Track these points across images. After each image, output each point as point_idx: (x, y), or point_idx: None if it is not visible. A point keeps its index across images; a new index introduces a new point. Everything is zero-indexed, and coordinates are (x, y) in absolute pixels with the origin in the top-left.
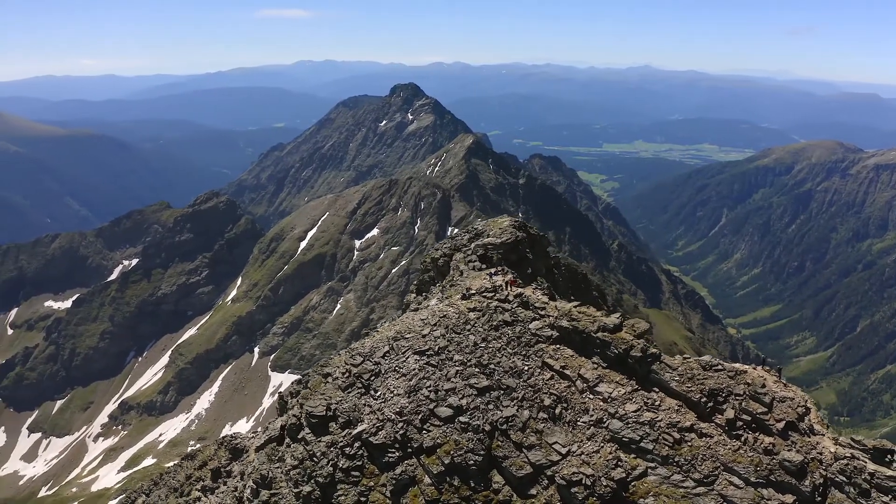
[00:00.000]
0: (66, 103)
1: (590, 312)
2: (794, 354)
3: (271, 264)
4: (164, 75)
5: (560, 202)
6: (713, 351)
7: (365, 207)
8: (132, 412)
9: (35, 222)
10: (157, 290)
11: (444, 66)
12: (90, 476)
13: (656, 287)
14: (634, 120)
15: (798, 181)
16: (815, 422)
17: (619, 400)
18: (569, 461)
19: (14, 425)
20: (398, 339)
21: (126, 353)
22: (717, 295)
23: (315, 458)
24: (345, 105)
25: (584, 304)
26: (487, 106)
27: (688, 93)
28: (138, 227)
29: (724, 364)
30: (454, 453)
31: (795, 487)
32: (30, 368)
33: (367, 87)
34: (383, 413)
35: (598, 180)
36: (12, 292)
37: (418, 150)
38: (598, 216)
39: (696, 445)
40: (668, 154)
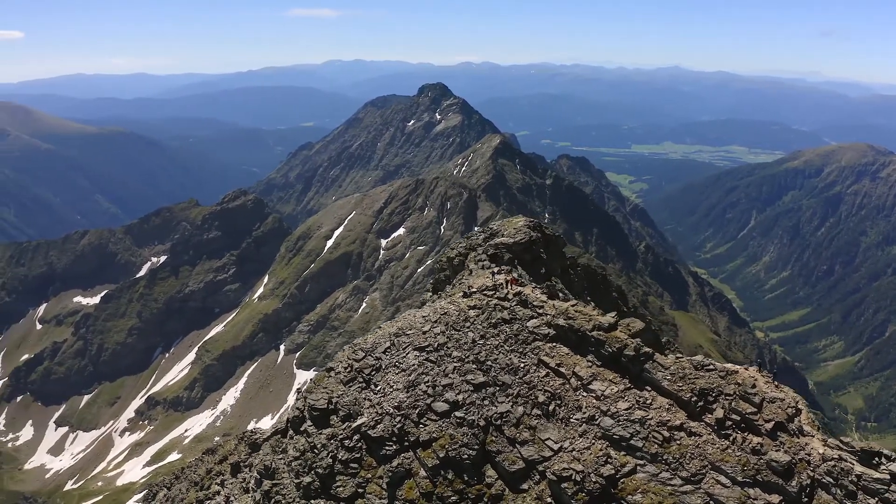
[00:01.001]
0: (96, 101)
1: (586, 311)
2: (822, 359)
3: (298, 262)
4: (195, 74)
5: (587, 203)
6: (739, 354)
7: (391, 207)
8: (158, 407)
9: (66, 219)
10: (185, 287)
11: (473, 65)
12: (116, 470)
13: (683, 289)
14: (663, 121)
15: (828, 184)
16: (805, 423)
17: (611, 398)
18: (560, 457)
19: (42, 419)
20: (399, 335)
21: (153, 349)
22: (745, 298)
23: (316, 450)
24: (373, 105)
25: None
26: (516, 106)
27: (717, 94)
28: (167, 224)
29: (716, 364)
30: (449, 447)
31: (782, 488)
32: (58, 363)
33: (395, 87)
34: (382, 407)
35: (626, 181)
36: (42, 288)
37: (446, 150)
38: (626, 217)
39: (684, 444)
40: (698, 155)
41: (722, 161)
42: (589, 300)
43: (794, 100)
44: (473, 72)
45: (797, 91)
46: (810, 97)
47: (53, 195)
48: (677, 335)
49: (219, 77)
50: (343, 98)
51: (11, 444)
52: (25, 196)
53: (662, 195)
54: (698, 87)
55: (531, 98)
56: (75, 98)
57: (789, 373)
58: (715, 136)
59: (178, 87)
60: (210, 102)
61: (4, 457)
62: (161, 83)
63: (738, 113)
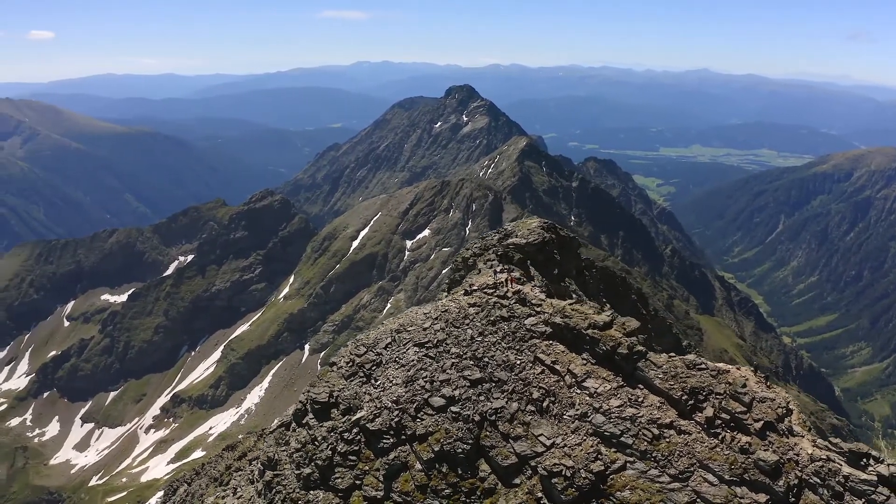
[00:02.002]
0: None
1: (582, 310)
2: (850, 365)
3: (323, 263)
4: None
5: (613, 206)
6: (764, 360)
7: (417, 208)
8: (183, 405)
9: (95, 218)
10: (212, 286)
11: (501, 67)
12: (140, 467)
13: (709, 293)
14: (692, 124)
15: (857, 188)
16: (795, 423)
17: (604, 395)
18: (552, 453)
19: (68, 415)
20: (401, 331)
21: (179, 348)
22: (773, 303)
23: (316, 442)
24: (400, 106)
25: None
26: (543, 108)
27: (746, 97)
28: (194, 223)
29: (708, 363)
30: (444, 441)
31: (769, 487)
32: (85, 360)
33: (423, 89)
34: (381, 401)
35: (654, 184)
36: (70, 285)
37: (472, 152)
38: (653, 221)
39: (674, 442)
40: (726, 159)
41: (750, 165)
42: (605, 301)
43: (823, 103)
44: (501, 74)
45: (826, 94)
46: (839, 100)
47: (83, 194)
48: (702, 339)
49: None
50: (371, 99)
51: (38, 439)
52: (55, 195)
53: (690, 199)
54: (727, 90)
55: (559, 100)
56: (105, 98)
57: (815, 379)
58: (744, 139)
59: (207, 88)
60: (239, 103)
61: (31, 452)
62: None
63: (767, 116)
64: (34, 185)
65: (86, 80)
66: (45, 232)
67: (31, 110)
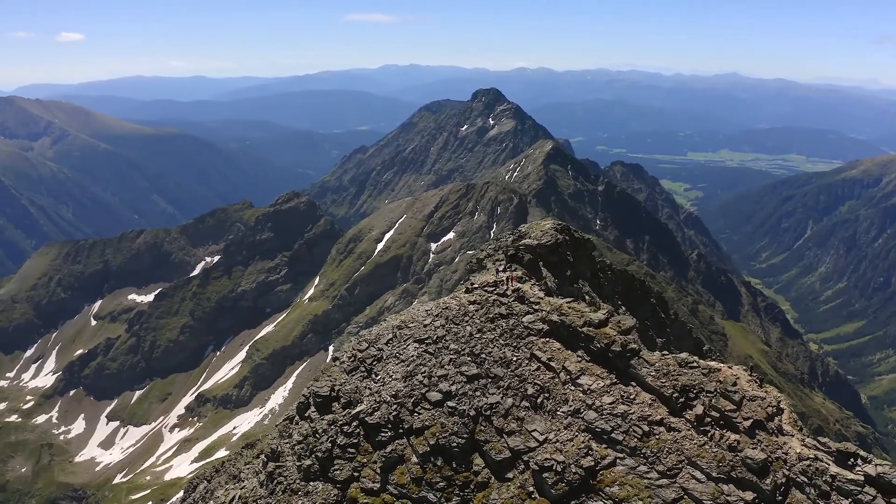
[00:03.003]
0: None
1: (579, 308)
2: (877, 372)
3: (348, 264)
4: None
5: (639, 210)
6: (790, 366)
7: (442, 211)
8: (208, 405)
9: (123, 219)
10: (237, 286)
11: (529, 71)
12: (164, 465)
13: (735, 299)
14: (721, 128)
15: (886, 194)
16: (785, 422)
17: (597, 392)
18: (544, 448)
19: (93, 413)
20: (402, 327)
21: (204, 348)
22: (800, 309)
23: (317, 435)
24: (427, 109)
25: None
26: (571, 112)
27: (775, 101)
28: (221, 224)
29: (700, 361)
30: (440, 435)
31: (756, 485)
32: (111, 359)
33: (450, 92)
34: (380, 395)
35: (681, 189)
36: (97, 285)
37: (498, 156)
38: (679, 225)
39: (663, 439)
40: (755, 164)
41: (779, 170)
42: (619, 304)
43: (851, 108)
44: (529, 77)
45: (855, 99)
46: (868, 105)
47: (111, 195)
48: (727, 345)
49: (276, 80)
50: (398, 102)
51: (63, 436)
52: (84, 195)
53: (718, 203)
54: (756, 95)
55: (586, 104)
56: (134, 100)
57: (842, 386)
58: (772, 144)
59: (235, 91)
60: (267, 105)
61: (56, 449)
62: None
63: (795, 121)
64: (63, 185)
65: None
66: (74, 232)
67: (60, 111)
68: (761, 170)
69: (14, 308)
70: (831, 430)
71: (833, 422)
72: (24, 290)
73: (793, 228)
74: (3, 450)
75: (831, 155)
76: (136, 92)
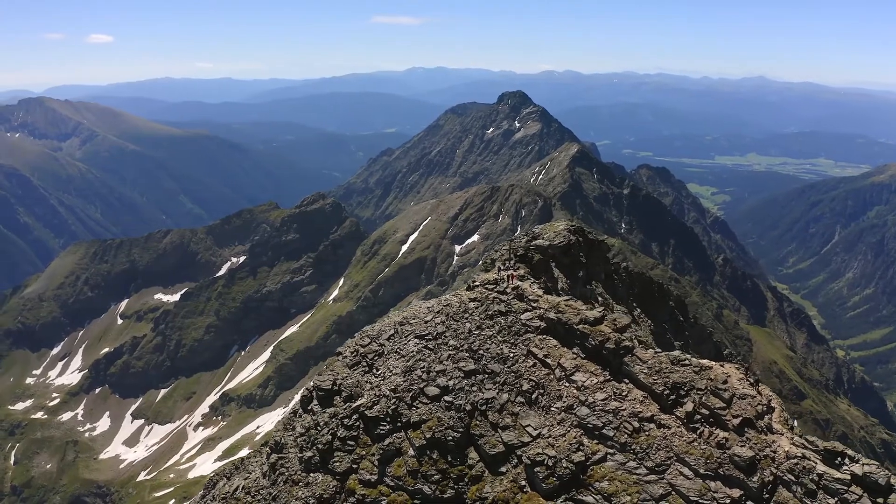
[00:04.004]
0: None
1: (575, 306)
2: None
3: (373, 266)
4: (280, 79)
5: (665, 214)
6: (815, 372)
7: (466, 213)
8: (232, 404)
9: (151, 219)
10: (263, 287)
11: (555, 74)
12: (188, 463)
13: (761, 304)
14: (748, 132)
15: None
16: (776, 421)
17: (590, 388)
18: (537, 443)
19: (118, 411)
20: (404, 323)
21: (229, 347)
22: (827, 315)
23: (318, 427)
24: (453, 112)
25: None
26: (598, 115)
27: (804, 105)
28: (247, 225)
29: (692, 359)
30: (436, 429)
31: (743, 482)
32: (136, 357)
33: (477, 95)
34: (380, 390)
35: (708, 193)
36: (124, 284)
37: (524, 158)
38: (706, 229)
39: (653, 435)
40: (782, 168)
41: (806, 174)
42: (634, 306)
43: (881, 112)
44: (556, 80)
45: (885, 103)
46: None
47: (139, 195)
48: (751, 350)
49: (303, 83)
50: (424, 105)
51: (88, 434)
52: (112, 195)
53: (745, 208)
54: (785, 98)
55: (613, 107)
56: (162, 101)
57: (868, 393)
58: (800, 148)
59: (263, 93)
60: (294, 107)
61: (81, 446)
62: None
63: (824, 125)
64: (92, 185)
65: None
66: (102, 231)
67: (89, 112)
68: (789, 174)
69: (41, 306)
70: (856, 437)
71: (858, 429)
72: (52, 289)
73: (820, 233)
74: (28, 446)
75: (859, 159)
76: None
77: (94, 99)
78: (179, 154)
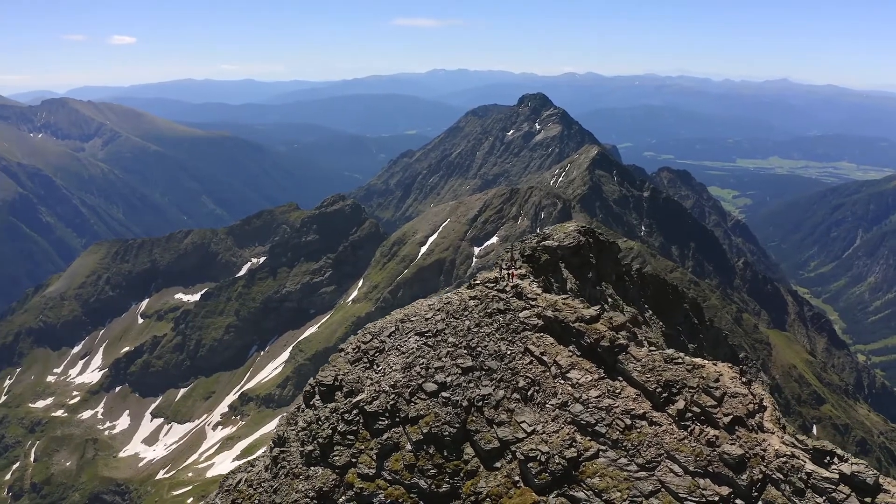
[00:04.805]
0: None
1: (572, 304)
2: None
3: (392, 267)
4: (301, 81)
5: (685, 217)
6: (835, 377)
7: (485, 215)
8: (251, 403)
9: (172, 219)
10: (282, 287)
11: (577, 76)
12: (206, 462)
13: (781, 308)
14: (770, 135)
15: None
16: (767, 420)
17: (585, 386)
18: (531, 439)
19: (138, 410)
20: (405, 321)
21: (249, 347)
22: (848, 319)
23: (319, 422)
24: (473, 114)
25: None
26: (619, 117)
27: (827, 108)
28: (267, 226)
29: (685, 358)
30: (433, 424)
31: (732, 480)
32: (157, 357)
33: (498, 97)
34: (380, 385)
35: (730, 196)
36: (145, 284)
37: (544, 161)
38: (727, 233)
39: (644, 432)
40: (804, 171)
41: (829, 177)
42: (646, 308)
43: None
44: (577, 83)
45: None
46: None
47: (161, 195)
48: (771, 354)
49: (325, 84)
50: (445, 107)
51: (108, 432)
52: (134, 196)
53: (767, 211)
54: (807, 101)
55: (635, 110)
56: (184, 102)
57: (889, 399)
58: (823, 151)
59: (285, 94)
60: (316, 109)
61: (100, 444)
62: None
63: (847, 128)
64: (114, 185)
65: (165, 84)
66: (123, 231)
67: (112, 113)
68: (811, 177)
69: (63, 305)
70: (875, 443)
71: (877, 434)
72: (73, 288)
73: (842, 237)
74: (48, 444)
75: (882, 163)
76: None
77: (117, 100)
78: (201, 155)
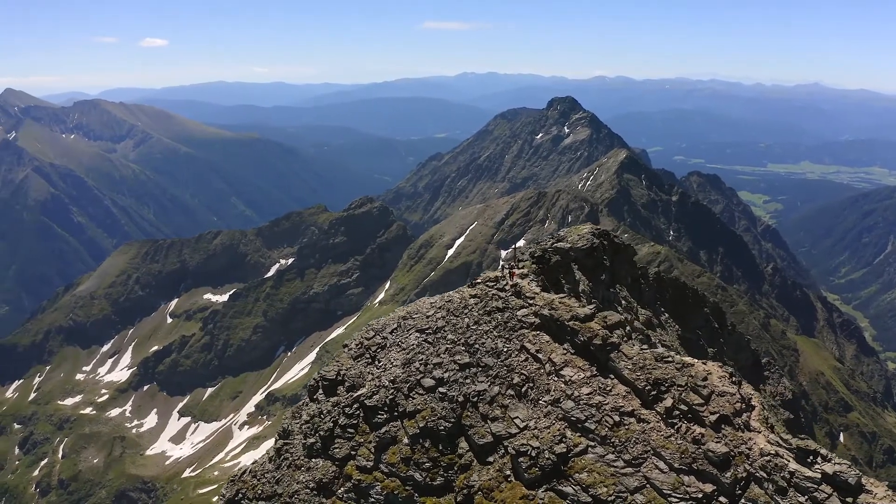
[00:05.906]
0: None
1: (568, 303)
2: None
3: (419, 270)
4: (332, 84)
5: (714, 221)
6: (863, 384)
7: (512, 218)
8: (277, 404)
9: (202, 220)
10: (310, 289)
11: (607, 80)
12: (232, 461)
13: (810, 314)
14: (802, 139)
15: None
16: (754, 419)
17: (577, 383)
18: (523, 434)
19: (166, 409)
20: (407, 318)
21: (276, 348)
22: (879, 326)
23: (322, 415)
24: (503, 117)
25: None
26: (649, 121)
27: (859, 113)
28: (296, 227)
29: (675, 357)
30: (429, 419)
31: (716, 478)
32: (185, 356)
33: (528, 100)
34: (381, 380)
35: (760, 201)
36: (174, 284)
37: (573, 164)
38: (756, 238)
39: (632, 429)
40: (836, 176)
41: (860, 183)
42: (662, 311)
43: None
44: (607, 86)
45: None
46: None
47: (191, 196)
48: (798, 360)
49: (355, 87)
50: (475, 110)
51: (136, 430)
52: (164, 197)
53: (798, 216)
54: (839, 106)
55: (665, 113)
56: (215, 104)
57: None
58: (855, 156)
59: (316, 97)
60: (346, 112)
61: (128, 442)
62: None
63: (880, 133)
64: (145, 186)
65: (197, 87)
66: (154, 231)
67: (143, 115)
68: (843, 182)
69: (93, 304)
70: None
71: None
72: (104, 287)
73: (873, 243)
74: (76, 441)
75: None
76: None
77: (148, 102)
78: (231, 156)
